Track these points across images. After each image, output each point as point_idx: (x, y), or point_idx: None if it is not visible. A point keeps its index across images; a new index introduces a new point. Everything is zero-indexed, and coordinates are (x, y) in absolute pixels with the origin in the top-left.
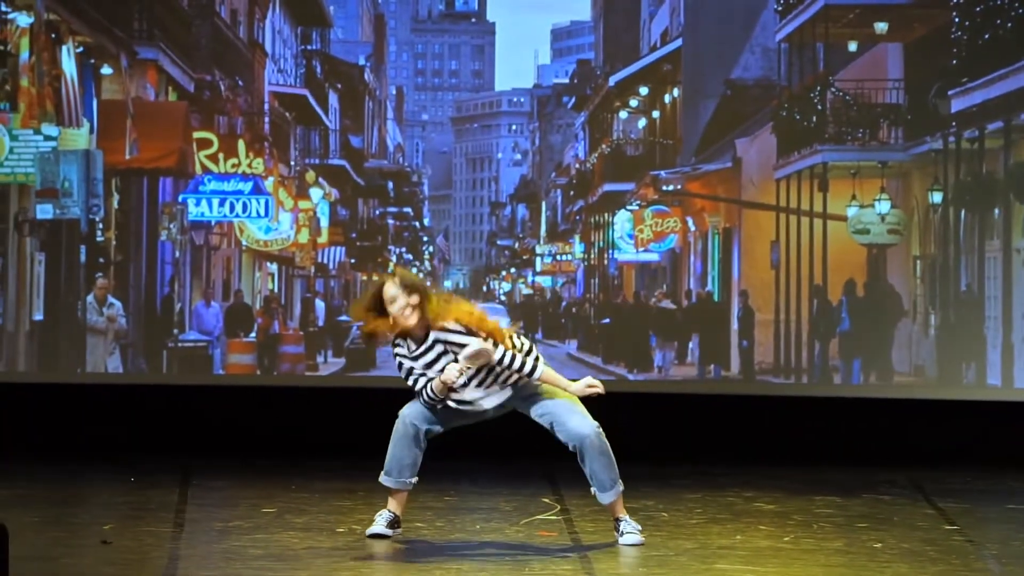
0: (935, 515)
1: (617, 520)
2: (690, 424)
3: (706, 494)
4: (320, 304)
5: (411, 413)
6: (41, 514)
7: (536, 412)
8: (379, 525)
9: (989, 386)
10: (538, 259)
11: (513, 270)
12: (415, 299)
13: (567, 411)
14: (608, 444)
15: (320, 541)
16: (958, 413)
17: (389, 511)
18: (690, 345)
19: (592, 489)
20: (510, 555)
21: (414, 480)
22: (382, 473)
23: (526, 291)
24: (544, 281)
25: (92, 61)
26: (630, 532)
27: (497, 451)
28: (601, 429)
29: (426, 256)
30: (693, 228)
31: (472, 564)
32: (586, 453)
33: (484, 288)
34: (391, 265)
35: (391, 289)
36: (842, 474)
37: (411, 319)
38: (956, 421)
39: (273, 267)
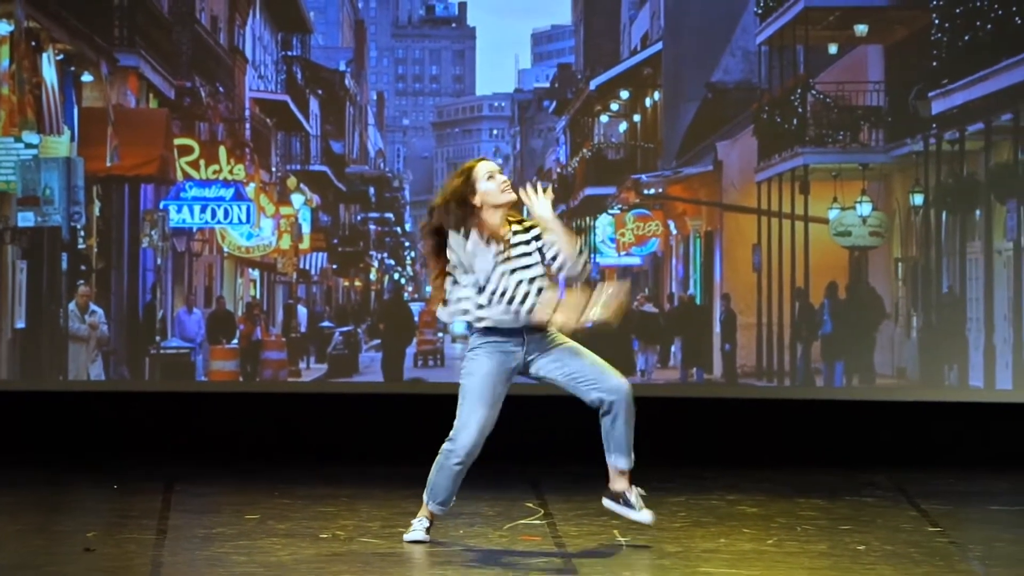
0: (918, 517)
1: (624, 493)
2: (673, 427)
3: (689, 497)
4: (302, 310)
5: (463, 446)
6: (24, 522)
7: (563, 372)
8: (419, 531)
9: (971, 387)
10: None
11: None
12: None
13: (604, 367)
14: None
15: (303, 547)
16: (940, 415)
17: (426, 518)
18: (672, 349)
19: (610, 457)
20: (494, 560)
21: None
22: (429, 499)
23: None
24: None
25: (72, 69)
26: (642, 507)
27: (479, 456)
28: None
29: (408, 261)
30: (675, 232)
31: (456, 570)
32: (622, 412)
33: None
34: (372, 271)
35: (489, 163)
36: (825, 477)
37: (512, 193)
38: (938, 423)
39: (255, 273)
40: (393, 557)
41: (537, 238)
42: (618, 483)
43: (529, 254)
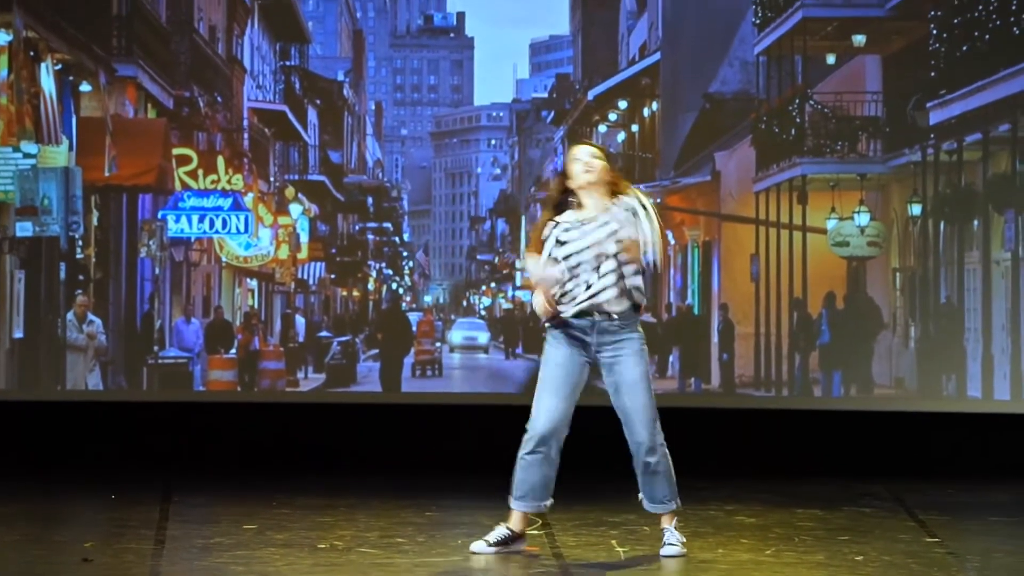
0: (916, 527)
1: (663, 530)
2: (671, 438)
3: (687, 508)
4: (300, 320)
5: (532, 435)
6: (22, 532)
7: (611, 385)
8: (484, 541)
9: (969, 398)
10: (518, 273)
11: (493, 284)
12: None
13: (640, 412)
14: (670, 461)
15: (301, 557)
16: (938, 425)
17: (507, 528)
18: (670, 358)
19: (639, 495)
20: (493, 570)
21: (549, 502)
22: (511, 497)
23: (506, 306)
24: (524, 295)
25: (71, 78)
26: (671, 544)
27: (478, 466)
28: (665, 445)
29: (406, 271)
30: (673, 241)
31: None
32: (638, 466)
33: (464, 303)
34: (371, 281)
35: (580, 147)
36: (823, 487)
37: (595, 173)
38: (936, 433)
39: (253, 283)
40: (391, 567)
41: (631, 212)
42: (661, 520)
43: (613, 232)
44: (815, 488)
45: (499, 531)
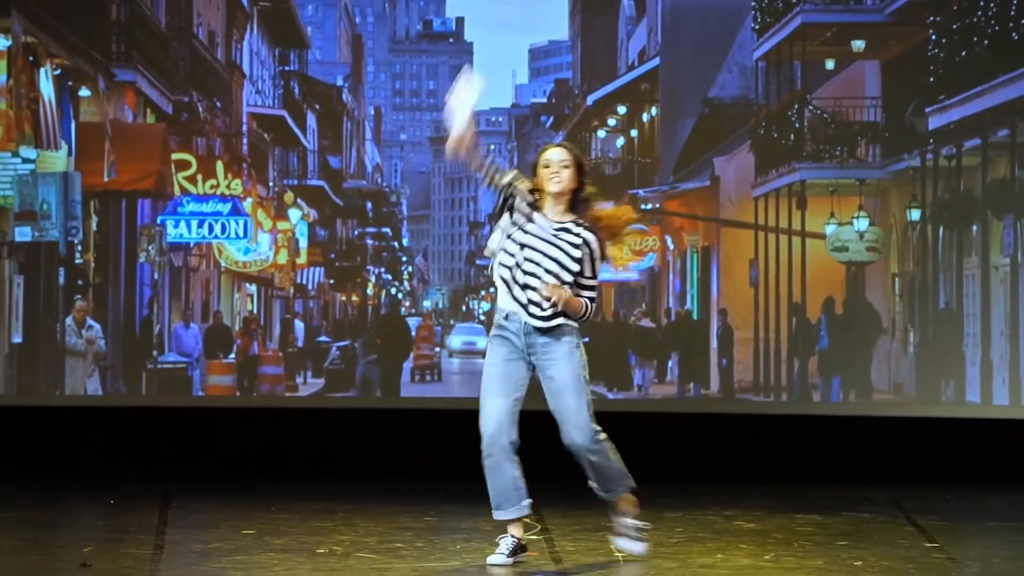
0: (915, 533)
1: (616, 520)
2: (670, 443)
3: (686, 513)
4: (299, 325)
5: (484, 442)
6: (20, 537)
7: (545, 388)
8: (500, 555)
9: (968, 403)
10: None
11: (492, 289)
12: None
13: (570, 411)
14: (609, 448)
15: (300, 563)
16: (937, 430)
17: (512, 536)
18: (669, 364)
19: (591, 484)
20: None
21: (528, 502)
22: (493, 509)
23: None
24: None
25: (70, 83)
26: (626, 536)
27: (476, 471)
28: (601, 436)
29: (405, 276)
30: (672, 247)
31: None
32: (580, 461)
33: (463, 308)
34: (370, 286)
35: (552, 151)
36: (822, 492)
37: (560, 184)
38: (935, 438)
39: (252, 288)
40: (390, 572)
41: (583, 244)
42: (618, 507)
43: (563, 251)
44: (814, 493)
45: (507, 541)
